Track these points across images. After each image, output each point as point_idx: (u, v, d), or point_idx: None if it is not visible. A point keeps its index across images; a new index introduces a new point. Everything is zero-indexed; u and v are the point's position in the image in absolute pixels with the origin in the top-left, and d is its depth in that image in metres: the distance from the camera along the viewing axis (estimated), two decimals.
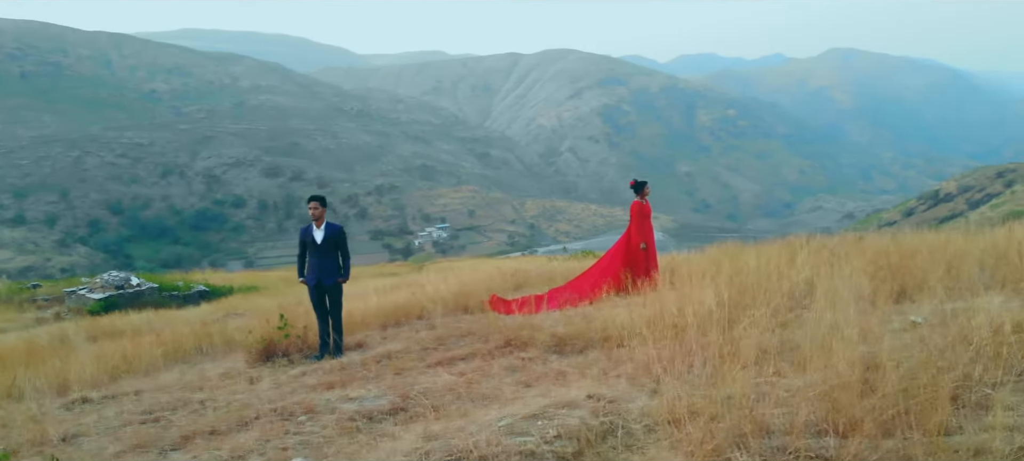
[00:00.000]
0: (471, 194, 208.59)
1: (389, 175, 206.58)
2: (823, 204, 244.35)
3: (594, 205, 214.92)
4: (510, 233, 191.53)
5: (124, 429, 5.80)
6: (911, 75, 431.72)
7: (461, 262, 61.82)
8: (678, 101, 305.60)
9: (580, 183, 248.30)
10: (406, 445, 4.00)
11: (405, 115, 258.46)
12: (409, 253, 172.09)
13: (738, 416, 3.33)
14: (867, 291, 5.94)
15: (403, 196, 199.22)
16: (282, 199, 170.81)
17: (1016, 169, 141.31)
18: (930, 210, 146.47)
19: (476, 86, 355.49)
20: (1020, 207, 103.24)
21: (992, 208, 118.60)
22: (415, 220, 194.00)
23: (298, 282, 8.94)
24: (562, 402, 4.33)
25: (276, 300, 23.17)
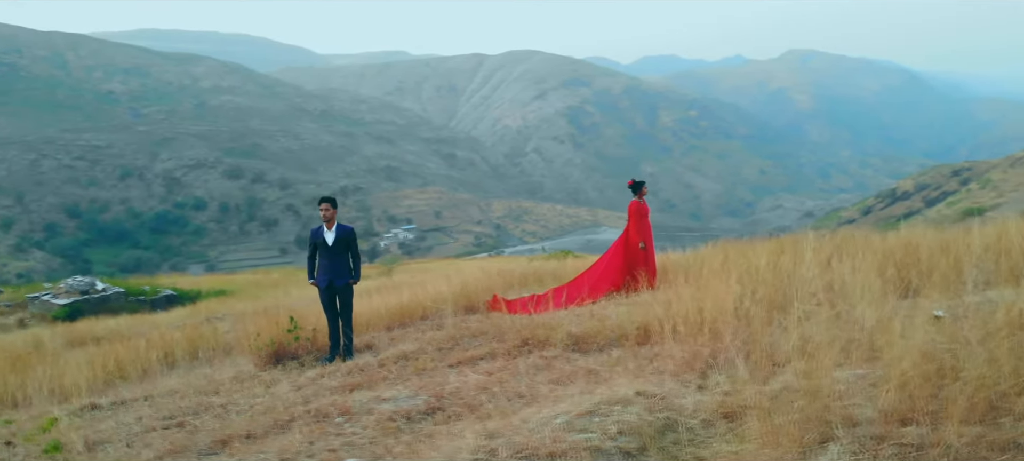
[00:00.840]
0: (437, 195, 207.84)
1: (353, 176, 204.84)
2: (783, 203, 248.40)
3: (560, 205, 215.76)
4: (477, 234, 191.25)
5: (148, 434, 5.72)
6: (868, 76, 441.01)
7: (433, 264, 61.62)
8: (641, 102, 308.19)
9: (546, 183, 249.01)
10: (469, 443, 4.03)
11: (369, 115, 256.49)
12: (375, 255, 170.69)
13: (817, 407, 3.46)
14: (879, 286, 6.09)
15: (368, 197, 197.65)
16: (244, 201, 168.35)
17: (971, 168, 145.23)
18: (888, 208, 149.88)
19: (441, 86, 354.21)
20: (976, 205, 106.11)
21: (948, 206, 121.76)
22: (380, 221, 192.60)
23: (288, 283, 8.90)
24: (614, 399, 4.39)
25: (255, 304, 22.96)
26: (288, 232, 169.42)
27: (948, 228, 9.84)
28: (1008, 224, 8.14)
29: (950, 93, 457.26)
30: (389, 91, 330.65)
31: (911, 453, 3.01)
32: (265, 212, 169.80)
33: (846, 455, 3.07)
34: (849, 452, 3.09)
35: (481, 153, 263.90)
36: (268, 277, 47.83)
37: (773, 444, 3.36)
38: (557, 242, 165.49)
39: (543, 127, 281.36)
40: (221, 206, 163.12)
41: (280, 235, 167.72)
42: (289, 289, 33.54)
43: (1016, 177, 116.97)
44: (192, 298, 34.35)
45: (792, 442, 3.30)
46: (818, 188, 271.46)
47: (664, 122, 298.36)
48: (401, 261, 73.82)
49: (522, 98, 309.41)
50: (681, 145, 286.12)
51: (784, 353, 4.66)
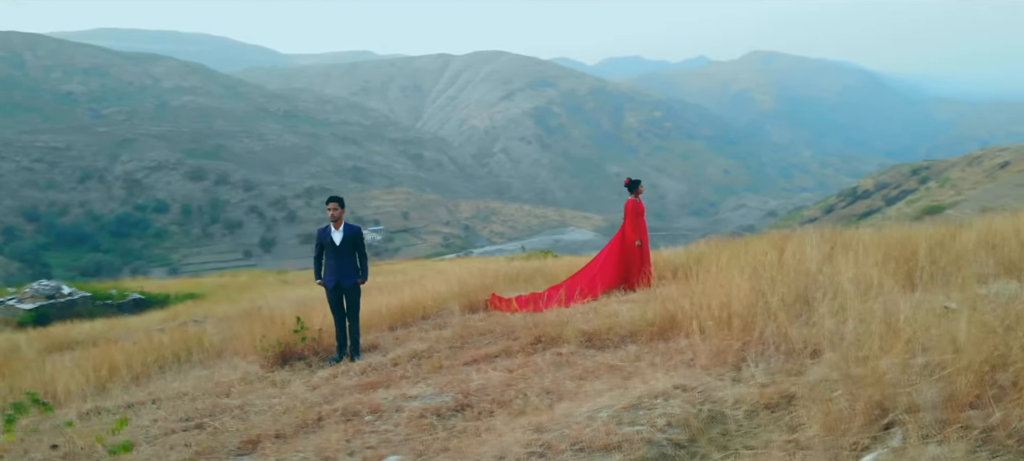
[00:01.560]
0: (404, 196, 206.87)
1: (319, 177, 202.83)
2: (746, 202, 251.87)
3: (528, 206, 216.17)
4: (445, 235, 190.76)
5: (169, 437, 5.65)
6: (828, 77, 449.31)
7: (407, 265, 61.25)
8: (606, 103, 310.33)
9: (513, 184, 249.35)
10: (519, 437, 4.06)
11: (334, 116, 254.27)
12: None
13: (874, 394, 3.50)
14: (886, 280, 6.24)
15: None
16: (207, 203, 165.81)
17: (930, 167, 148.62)
18: (849, 207, 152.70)
19: (407, 87, 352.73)
20: (935, 203, 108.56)
21: (908, 204, 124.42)
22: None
23: (258, 286, 8.84)
24: (653, 393, 4.45)
25: (232, 307, 22.69)
26: (252, 234, 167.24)
27: (941, 225, 10.09)
28: (995, 220, 8.39)
29: (908, 94, 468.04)
30: (355, 91, 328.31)
31: (978, 435, 3.05)
32: (228, 214, 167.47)
33: (914, 438, 3.12)
34: (917, 435, 3.13)
35: (448, 153, 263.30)
36: (236, 280, 47.15)
37: (835, 431, 3.41)
38: (526, 242, 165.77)
39: (510, 128, 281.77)
40: (183, 208, 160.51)
41: (244, 237, 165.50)
42: (263, 292, 33.17)
43: (974, 175, 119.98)
44: (160, 302, 33.74)
45: (853, 428, 3.37)
46: (780, 187, 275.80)
47: (629, 123, 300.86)
48: (372, 262, 73.22)
49: (489, 99, 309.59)
50: (646, 146, 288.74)
51: (815, 344, 4.76)
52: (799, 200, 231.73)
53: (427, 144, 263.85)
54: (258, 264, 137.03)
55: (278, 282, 43.83)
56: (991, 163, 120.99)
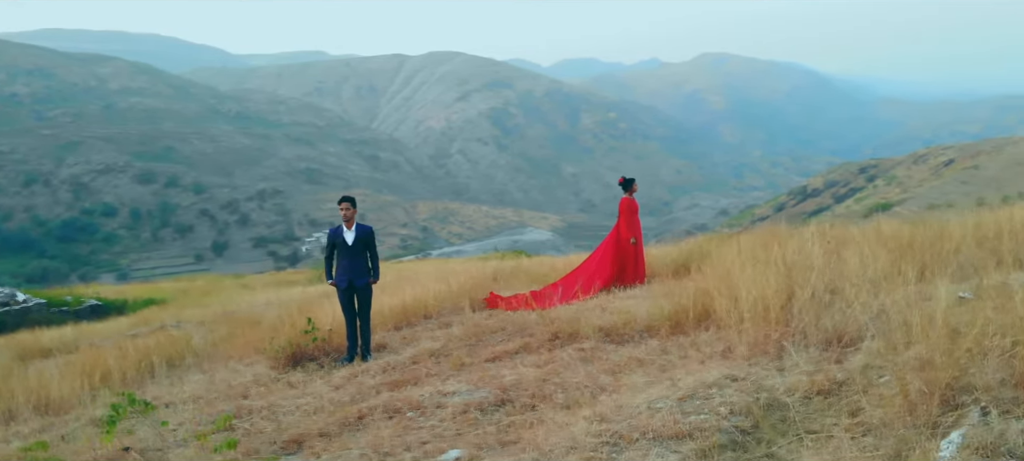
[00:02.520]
0: (360, 198, 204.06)
1: (271, 179, 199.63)
2: (699, 202, 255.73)
3: (486, 207, 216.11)
4: (402, 236, 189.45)
5: (206, 440, 5.57)
6: (777, 78, 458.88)
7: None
8: (562, 104, 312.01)
9: (471, 185, 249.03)
10: (584, 429, 4.14)
11: (287, 117, 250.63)
12: (296, 260, 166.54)
13: (945, 375, 3.58)
14: (899, 272, 6.47)
15: (288, 201, 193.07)
16: (156, 207, 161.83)
17: (877, 165, 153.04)
18: (799, 205, 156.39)
19: (361, 87, 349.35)
20: (883, 200, 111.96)
21: (857, 201, 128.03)
22: (301, 226, 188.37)
23: (217, 290, 8.75)
24: (705, 383, 4.58)
25: (203, 311, 22.24)
26: (203, 238, 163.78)
27: (931, 220, 10.45)
28: (984, 214, 8.74)
29: (854, 94, 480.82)
30: (308, 92, 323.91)
31: None
32: (179, 217, 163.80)
33: (994, 413, 3.24)
34: (997, 411, 3.25)
35: (405, 154, 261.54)
36: (194, 285, 46.24)
37: (911, 412, 3.52)
38: (484, 243, 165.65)
39: (467, 128, 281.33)
40: (132, 212, 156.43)
41: (195, 241, 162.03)
42: (228, 296, 32.60)
43: (919, 173, 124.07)
44: (119, 308, 32.93)
45: (930, 409, 3.48)
46: (732, 187, 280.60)
47: (585, 124, 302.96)
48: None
49: (445, 99, 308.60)
50: (602, 146, 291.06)
51: (847, 333, 4.94)
52: (750, 199, 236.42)
53: (383, 145, 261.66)
54: (210, 268, 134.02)
55: (238, 286, 43.10)
56: (936, 161, 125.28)
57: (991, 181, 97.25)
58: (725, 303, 5.74)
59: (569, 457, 3.80)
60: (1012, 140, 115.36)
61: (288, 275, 52.75)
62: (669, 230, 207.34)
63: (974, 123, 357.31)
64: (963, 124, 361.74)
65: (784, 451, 3.69)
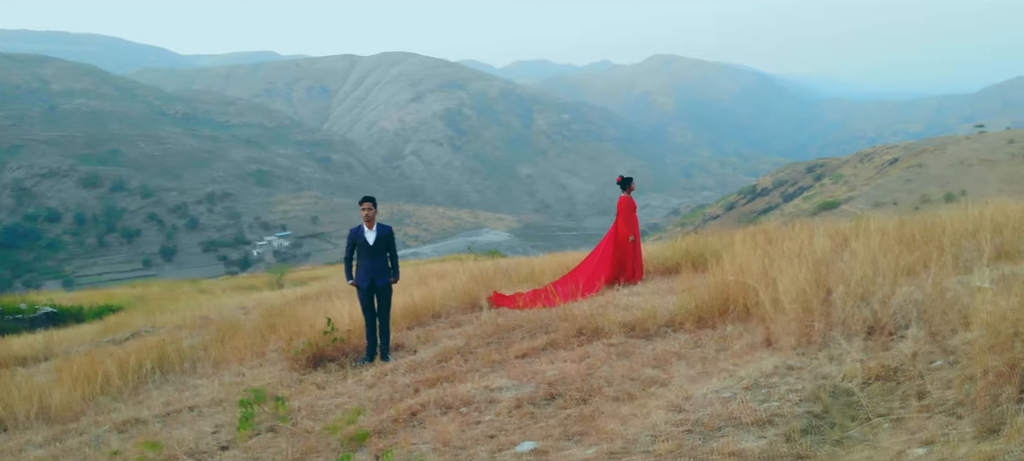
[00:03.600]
0: (313, 200, 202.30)
1: (221, 182, 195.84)
2: (651, 202, 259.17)
3: (441, 208, 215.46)
4: None
5: (254, 440, 5.53)
6: (725, 79, 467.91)
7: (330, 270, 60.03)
8: (516, 105, 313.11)
9: (426, 186, 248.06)
10: (662, 417, 4.24)
11: (236, 118, 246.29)
12: (247, 264, 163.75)
13: (1011, 357, 3.80)
14: (905, 265, 6.74)
15: (238, 204, 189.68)
16: (102, 211, 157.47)
17: (824, 164, 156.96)
18: (749, 204, 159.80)
19: (312, 88, 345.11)
20: (831, 198, 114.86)
21: (805, 200, 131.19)
22: (252, 229, 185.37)
23: (175, 296, 8.67)
24: (765, 372, 4.74)
25: (171, 317, 21.77)
26: (151, 243, 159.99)
27: (926, 214, 10.86)
28: (972, 207, 9.13)
29: (800, 95, 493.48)
30: (258, 93, 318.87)
31: None
32: (126, 222, 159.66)
33: None
34: None
35: (358, 156, 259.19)
36: (149, 291, 45.24)
37: (988, 390, 3.61)
38: (441, 244, 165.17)
39: (421, 129, 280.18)
40: (77, 217, 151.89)
41: (143, 246, 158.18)
42: (195, 301, 31.95)
43: (865, 172, 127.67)
44: (75, 315, 32.09)
45: (1009, 388, 3.59)
46: (682, 187, 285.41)
47: (539, 125, 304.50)
48: (290, 269, 71.36)
49: (398, 100, 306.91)
50: (555, 147, 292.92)
51: (883, 321, 5.15)
52: (701, 199, 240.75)
53: (335, 146, 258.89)
54: (159, 274, 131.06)
55: (195, 292, 42.22)
56: (881, 160, 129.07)
57: (935, 179, 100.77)
58: (767, 296, 5.89)
59: (657, 445, 3.90)
60: (954, 139, 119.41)
61: (246, 279, 51.97)
62: None
63: (916, 122, 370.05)
64: (905, 123, 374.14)
65: (859, 434, 3.86)
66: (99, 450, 6.27)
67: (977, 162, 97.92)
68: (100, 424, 7.31)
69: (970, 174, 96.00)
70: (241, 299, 25.92)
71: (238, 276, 66.97)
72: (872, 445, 3.62)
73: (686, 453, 3.73)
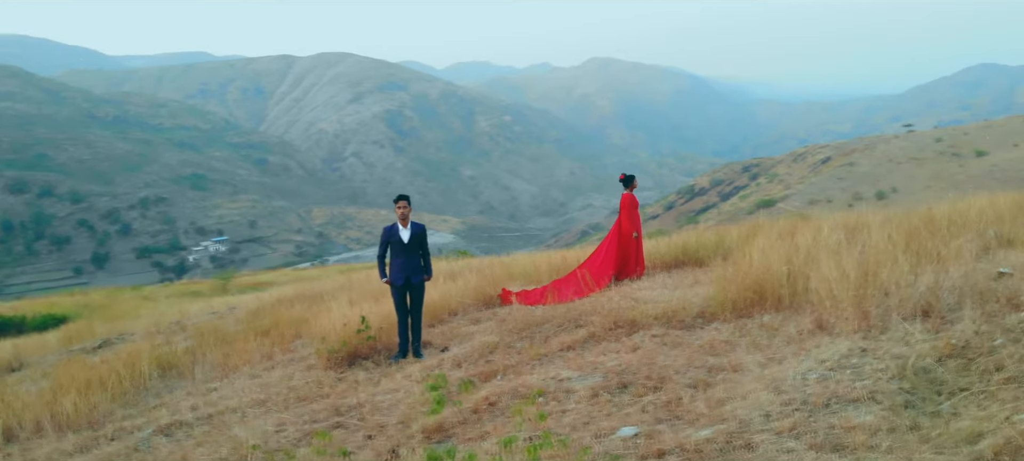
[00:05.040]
0: (251, 203, 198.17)
1: (154, 186, 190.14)
2: (592, 202, 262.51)
3: (384, 211, 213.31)
4: (298, 243, 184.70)
5: (316, 442, 5.52)
6: (661, 82, 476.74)
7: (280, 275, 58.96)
8: (458, 107, 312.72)
9: (368, 188, 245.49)
10: (764, 399, 4.44)
11: (169, 120, 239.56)
12: (183, 271, 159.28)
13: None
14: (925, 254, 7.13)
15: (172, 208, 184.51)
16: (30, 217, 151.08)
17: (759, 164, 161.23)
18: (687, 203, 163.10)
19: (247, 89, 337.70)
20: (767, 197, 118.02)
21: (742, 199, 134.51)
22: (188, 234, 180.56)
23: (119, 303, 8.65)
24: (845, 354, 4.99)
25: (131, 323, 21.16)
26: (82, 250, 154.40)
27: (918, 208, 11.39)
28: (961, 201, 9.67)
29: (732, 96, 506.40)
30: (191, 94, 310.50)
31: None
32: (55, 229, 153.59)
33: None
34: None
35: (296, 158, 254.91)
36: (89, 298, 43.83)
37: None
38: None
39: (361, 131, 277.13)
40: (3, 224, 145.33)
41: (74, 253, 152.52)
42: (148, 307, 31.07)
43: (799, 171, 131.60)
44: (17, 326, 30.88)
45: None
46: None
47: (481, 127, 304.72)
48: (235, 274, 69.78)
49: (337, 101, 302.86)
50: (498, 149, 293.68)
51: (937, 305, 5.49)
52: (641, 198, 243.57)
53: (273, 149, 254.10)
54: (91, 282, 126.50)
55: (138, 298, 41.02)
56: (814, 159, 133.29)
57: (866, 177, 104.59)
58: (818, 284, 6.16)
59: (775, 423, 4.10)
60: (883, 138, 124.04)
61: (190, 286, 50.66)
62: (566, 229, 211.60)
63: (844, 122, 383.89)
64: (834, 123, 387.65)
65: (949, 407, 4.14)
66: (149, 454, 6.16)
67: (906, 160, 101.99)
68: (126, 430, 7.15)
69: (900, 172, 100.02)
70: (203, 305, 25.36)
71: (180, 283, 65.21)
72: (974, 416, 3.89)
73: (808, 428, 3.95)
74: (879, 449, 3.62)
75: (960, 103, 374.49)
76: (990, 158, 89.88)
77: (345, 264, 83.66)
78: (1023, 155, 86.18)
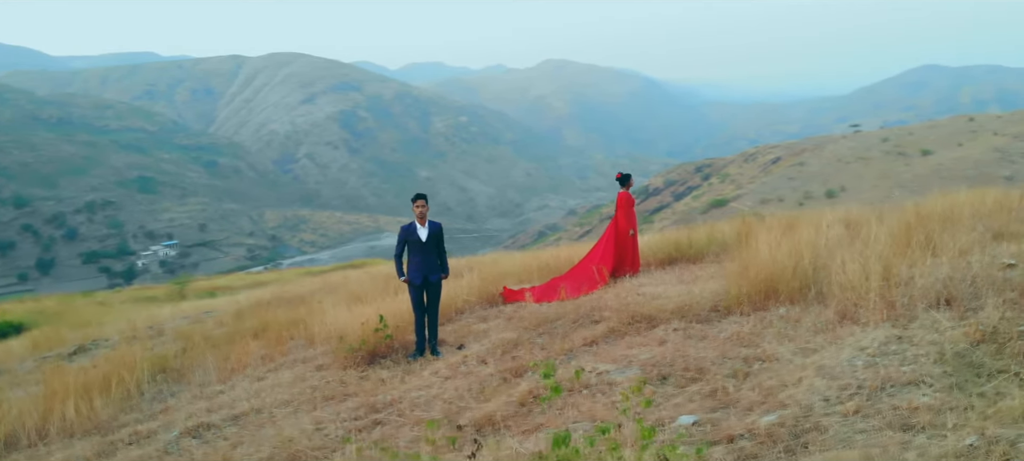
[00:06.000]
0: (201, 207, 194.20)
1: (101, 190, 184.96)
2: (549, 203, 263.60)
3: (339, 213, 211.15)
4: (250, 246, 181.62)
5: (361, 438, 5.56)
6: (615, 84, 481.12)
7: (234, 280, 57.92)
8: (413, 108, 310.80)
9: (322, 190, 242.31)
10: (820, 385, 4.63)
11: (115, 122, 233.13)
12: (132, 276, 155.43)
13: None
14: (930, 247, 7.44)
15: (120, 212, 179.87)
16: None
17: (711, 164, 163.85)
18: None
19: (196, 90, 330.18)
20: (719, 196, 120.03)
21: (694, 198, 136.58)
22: (136, 238, 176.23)
23: (75, 309, 8.60)
24: (882, 341, 5.21)
25: (106, 329, 20.67)
26: (27, 256, 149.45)
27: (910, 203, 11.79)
28: (950, 196, 10.09)
29: (684, 98, 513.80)
30: (137, 95, 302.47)
31: None
32: None
33: None
34: None
35: (247, 160, 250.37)
36: (43, 305, 42.55)
37: None
38: (340, 250, 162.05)
39: (314, 132, 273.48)
40: None
41: (18, 259, 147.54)
42: (110, 313, 30.29)
43: (750, 171, 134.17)
44: None
45: None
46: (578, 188, 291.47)
47: (437, 128, 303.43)
48: (190, 279, 68.15)
49: (289, 102, 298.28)
50: (454, 150, 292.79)
51: (957, 295, 5.76)
52: (596, 199, 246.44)
53: (223, 150, 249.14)
54: (36, 288, 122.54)
55: (93, 304, 39.93)
56: (764, 159, 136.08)
57: (815, 176, 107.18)
58: (838, 278, 6.39)
59: (838, 406, 4.29)
60: (832, 138, 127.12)
61: (144, 291, 49.45)
62: (523, 230, 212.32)
63: (793, 123, 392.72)
64: (783, 124, 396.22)
65: (991, 389, 4.38)
66: (181, 456, 6.10)
67: (854, 160, 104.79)
68: (142, 434, 7.05)
69: (848, 171, 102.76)
70: (172, 310, 24.86)
71: (131, 288, 63.58)
72: (1020, 395, 4.12)
73: (873, 410, 4.14)
74: (946, 426, 3.78)
75: (904, 104, 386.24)
76: (935, 157, 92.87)
77: (300, 267, 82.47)
78: (967, 154, 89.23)
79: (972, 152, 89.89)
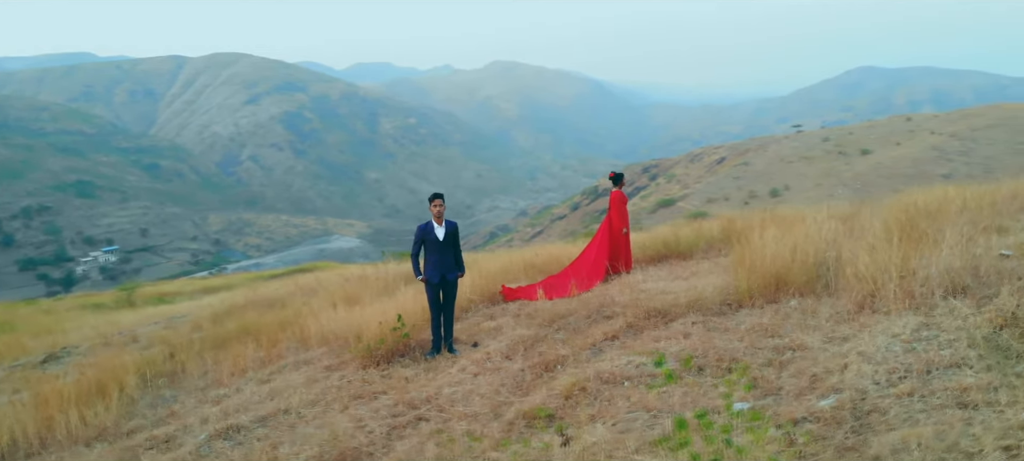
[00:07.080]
0: (142, 211, 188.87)
1: (37, 195, 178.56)
2: (499, 204, 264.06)
3: (285, 216, 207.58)
4: (193, 251, 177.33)
5: (411, 429, 5.60)
6: (563, 85, 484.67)
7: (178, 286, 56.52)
8: (360, 109, 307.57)
9: (267, 193, 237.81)
10: (867, 371, 4.86)
11: (52, 124, 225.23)
12: (71, 283, 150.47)
13: None
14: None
15: (57, 218, 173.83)
16: None
17: (658, 165, 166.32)
18: (592, 203, 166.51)
19: (135, 91, 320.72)
20: (667, 196, 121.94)
21: (642, 198, 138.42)
22: (75, 244, 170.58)
23: (55, 312, 8.52)
24: (912, 328, 5.48)
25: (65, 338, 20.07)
26: None
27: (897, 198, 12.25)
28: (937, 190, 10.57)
29: (630, 100, 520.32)
30: (74, 97, 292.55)
31: None
32: None
33: None
34: None
35: (189, 162, 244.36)
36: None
37: None
38: (287, 254, 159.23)
39: (259, 133, 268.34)
40: None
41: None
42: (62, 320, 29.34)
43: (696, 171, 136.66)
44: None
45: None
46: (528, 189, 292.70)
47: (385, 129, 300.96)
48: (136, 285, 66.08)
49: (232, 103, 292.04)
50: (403, 151, 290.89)
51: (970, 283, 6.09)
52: (546, 199, 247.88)
53: (163, 153, 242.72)
54: None
55: (38, 311, 38.64)
56: (710, 159, 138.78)
57: (760, 176, 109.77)
58: (854, 270, 6.67)
59: (890, 389, 4.52)
60: (775, 138, 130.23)
61: (90, 298, 47.87)
62: (474, 231, 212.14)
63: (735, 124, 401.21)
64: (726, 125, 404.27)
65: (1022, 369, 4.68)
66: (219, 459, 6.03)
67: (797, 159, 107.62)
68: (159, 439, 6.94)
69: (791, 170, 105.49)
70: (138, 316, 24.27)
71: (73, 295, 61.59)
72: None
73: (927, 391, 4.40)
74: (1001, 403, 4.05)
75: (842, 104, 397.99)
76: (875, 156, 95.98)
77: (245, 272, 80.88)
78: (905, 153, 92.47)
79: (910, 151, 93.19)
